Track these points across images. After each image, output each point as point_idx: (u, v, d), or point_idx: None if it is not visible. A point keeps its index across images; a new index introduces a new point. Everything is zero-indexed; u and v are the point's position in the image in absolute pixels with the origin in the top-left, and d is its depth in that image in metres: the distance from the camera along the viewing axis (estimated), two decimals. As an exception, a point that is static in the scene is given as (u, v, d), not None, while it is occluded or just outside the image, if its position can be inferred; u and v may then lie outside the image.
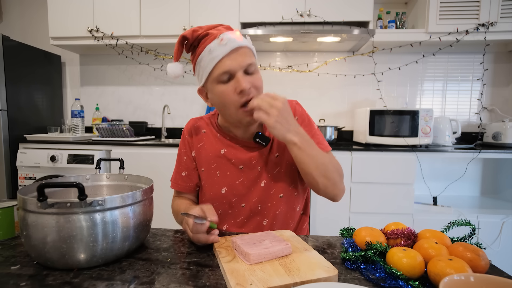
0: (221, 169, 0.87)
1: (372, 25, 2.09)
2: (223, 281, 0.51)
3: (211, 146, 0.88)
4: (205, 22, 2.15)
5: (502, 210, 1.98)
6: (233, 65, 0.73)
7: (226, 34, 0.74)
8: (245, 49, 0.76)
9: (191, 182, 0.91)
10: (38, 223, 0.52)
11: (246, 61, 0.75)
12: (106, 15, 2.25)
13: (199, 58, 0.77)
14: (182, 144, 0.92)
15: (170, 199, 0.96)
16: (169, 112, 2.56)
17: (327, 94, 2.53)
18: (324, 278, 0.50)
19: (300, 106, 0.91)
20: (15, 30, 2.71)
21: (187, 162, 0.91)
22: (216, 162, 0.87)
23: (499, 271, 0.55)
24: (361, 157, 1.91)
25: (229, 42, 0.73)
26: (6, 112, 2.10)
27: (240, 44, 0.74)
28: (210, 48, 0.74)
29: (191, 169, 0.90)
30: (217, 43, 0.73)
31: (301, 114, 0.89)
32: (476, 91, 2.40)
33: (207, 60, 0.75)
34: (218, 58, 0.73)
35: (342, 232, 0.72)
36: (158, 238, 0.70)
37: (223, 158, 0.87)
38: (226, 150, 0.87)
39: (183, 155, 0.91)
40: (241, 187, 0.86)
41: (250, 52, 0.78)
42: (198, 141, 0.90)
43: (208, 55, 0.74)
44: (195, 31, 0.77)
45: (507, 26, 2.01)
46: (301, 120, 0.88)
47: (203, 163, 0.89)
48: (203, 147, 0.89)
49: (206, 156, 0.88)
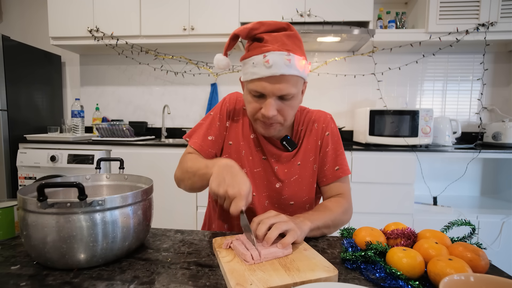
0: (247, 150, 0.87)
1: (372, 25, 2.09)
2: (223, 281, 0.51)
3: (245, 126, 0.88)
4: (205, 22, 2.17)
5: (502, 210, 1.98)
6: (268, 89, 0.71)
7: (274, 55, 0.69)
8: (289, 77, 0.71)
9: (214, 149, 0.87)
10: (38, 223, 0.52)
11: (283, 90, 0.71)
12: (106, 15, 2.25)
13: (245, 60, 0.74)
14: (220, 111, 0.89)
15: (170, 199, 0.96)
16: (169, 112, 2.56)
17: (327, 94, 2.53)
18: (324, 278, 0.50)
19: (333, 122, 0.91)
20: (15, 30, 2.70)
21: (220, 128, 0.88)
22: (245, 142, 0.88)
23: (499, 271, 0.55)
24: (361, 157, 1.91)
25: (274, 66, 0.68)
26: (6, 112, 2.10)
27: (284, 72, 0.69)
28: (253, 61, 0.71)
29: (219, 137, 0.88)
30: (262, 60, 0.69)
31: (332, 130, 0.89)
32: (476, 91, 2.40)
33: (248, 69, 0.73)
34: (257, 77, 0.71)
35: (342, 232, 0.72)
36: (158, 238, 0.70)
37: (251, 142, 0.88)
38: (255, 136, 0.88)
39: (217, 121, 0.88)
40: (257, 176, 0.87)
41: (295, 80, 0.72)
42: (236, 114, 0.90)
43: (251, 66, 0.72)
44: (253, 29, 0.72)
45: (507, 26, 2.01)
46: (331, 136, 0.88)
47: (233, 137, 0.88)
48: (238, 123, 0.89)
49: (238, 132, 0.88)
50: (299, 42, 0.74)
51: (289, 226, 0.62)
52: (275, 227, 0.61)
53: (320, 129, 0.88)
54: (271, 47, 0.70)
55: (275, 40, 0.71)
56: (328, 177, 0.87)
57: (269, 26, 0.73)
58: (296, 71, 0.71)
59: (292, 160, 0.87)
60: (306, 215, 0.72)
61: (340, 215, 0.79)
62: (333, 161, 0.87)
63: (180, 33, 2.21)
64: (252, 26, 0.72)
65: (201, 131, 0.87)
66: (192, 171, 0.76)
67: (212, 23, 2.18)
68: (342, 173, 0.86)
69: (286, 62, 0.69)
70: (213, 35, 2.19)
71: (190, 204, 1.98)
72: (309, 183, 0.87)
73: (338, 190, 0.87)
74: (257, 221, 0.63)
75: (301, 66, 0.72)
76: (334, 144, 0.88)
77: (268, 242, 0.58)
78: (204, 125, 0.88)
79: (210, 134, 0.87)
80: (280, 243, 0.58)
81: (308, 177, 0.87)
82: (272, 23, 0.73)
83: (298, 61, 0.71)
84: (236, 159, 0.86)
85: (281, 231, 0.61)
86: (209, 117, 0.89)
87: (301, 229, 0.64)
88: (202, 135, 0.86)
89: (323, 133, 0.88)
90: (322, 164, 0.88)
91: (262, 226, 0.61)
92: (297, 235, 0.61)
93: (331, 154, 0.87)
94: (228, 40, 0.75)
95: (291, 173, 0.86)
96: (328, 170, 0.87)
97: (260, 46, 0.71)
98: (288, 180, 0.86)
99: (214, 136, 0.87)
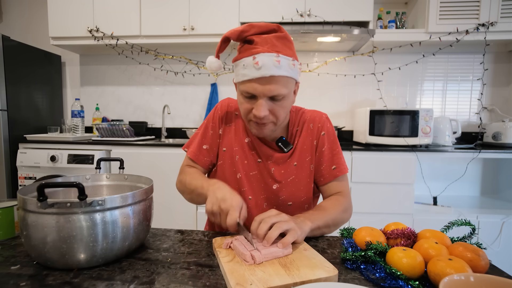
0: (241, 155, 0.88)
1: (372, 25, 2.09)
2: (223, 281, 0.51)
3: (238, 131, 0.89)
4: (205, 22, 2.17)
5: (502, 210, 1.98)
6: (258, 90, 0.72)
7: (263, 57, 0.70)
8: (279, 78, 0.72)
9: (209, 157, 0.90)
10: (38, 223, 0.52)
11: (274, 91, 0.72)
12: (106, 15, 2.25)
13: (237, 62, 0.76)
14: (212, 118, 0.91)
15: (170, 199, 0.96)
16: (169, 112, 2.56)
17: (327, 94, 2.53)
18: (324, 278, 0.50)
19: (329, 122, 0.92)
20: (15, 30, 2.70)
21: (213, 136, 0.90)
22: (238, 146, 0.88)
23: (499, 271, 0.55)
24: (361, 157, 1.91)
25: (263, 67, 0.69)
26: (6, 112, 2.10)
27: (274, 73, 0.70)
28: (244, 63, 0.72)
29: (214, 145, 0.90)
30: (252, 62, 0.70)
31: (328, 130, 0.90)
32: (476, 91, 2.40)
33: (239, 70, 0.74)
34: (247, 78, 0.72)
35: (342, 232, 0.72)
36: (158, 238, 0.70)
37: (245, 146, 0.88)
38: (250, 140, 0.88)
39: (210, 129, 0.90)
40: (254, 179, 0.87)
41: (285, 80, 0.73)
42: (228, 121, 0.91)
43: (241, 68, 0.73)
44: (244, 31, 0.73)
45: (507, 26, 2.01)
46: (327, 136, 0.89)
47: (227, 143, 0.89)
48: (231, 128, 0.90)
49: (231, 137, 0.89)
50: (290, 43, 0.75)
51: (290, 225, 0.62)
52: (276, 226, 0.61)
53: (315, 129, 0.89)
54: (260, 48, 0.71)
55: (264, 42, 0.72)
56: (326, 177, 0.88)
57: (259, 28, 0.74)
58: (285, 72, 0.72)
59: (288, 161, 0.87)
60: (307, 214, 0.73)
61: (340, 214, 0.80)
62: (330, 160, 0.88)
63: (180, 33, 2.21)
64: (242, 29, 0.73)
65: (196, 141, 0.91)
66: (190, 188, 0.81)
67: (212, 23, 2.18)
68: (339, 172, 0.87)
69: (276, 63, 0.70)
70: (213, 35, 2.19)
71: (190, 204, 1.97)
72: (307, 183, 0.87)
73: (337, 189, 0.88)
74: (258, 220, 0.64)
75: (291, 67, 0.73)
76: (330, 144, 0.88)
77: (269, 242, 0.59)
78: (199, 135, 0.91)
79: (205, 143, 0.89)
80: (281, 243, 0.59)
81: (305, 177, 0.87)
82: (263, 25, 0.74)
83: (288, 62, 0.72)
84: (231, 164, 0.88)
85: (282, 231, 0.61)
86: (202, 126, 0.92)
87: (302, 229, 0.65)
88: (197, 145, 0.90)
89: (319, 133, 0.89)
90: (319, 164, 0.88)
91: (264, 225, 0.61)
92: (297, 234, 0.62)
93: (328, 154, 0.88)
94: (220, 42, 0.76)
95: (288, 174, 0.87)
96: (325, 170, 0.88)
97: (250, 48, 0.72)
98: (285, 181, 0.87)
99: (208, 145, 0.90)
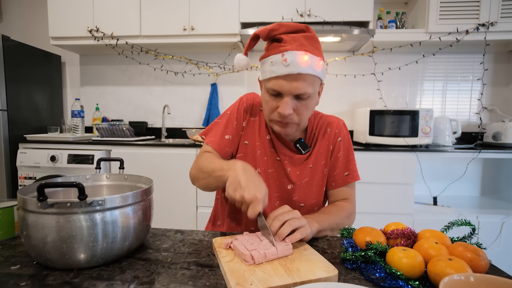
0: (262, 150, 0.88)
1: (372, 25, 2.09)
2: (223, 281, 0.51)
3: (262, 126, 0.90)
4: (205, 22, 2.17)
5: (502, 210, 1.98)
6: (285, 88, 0.73)
7: (292, 54, 0.70)
8: (306, 76, 0.72)
9: (230, 148, 0.88)
10: (38, 223, 0.52)
11: (300, 89, 0.72)
12: (106, 15, 2.25)
13: (264, 59, 0.77)
14: (237, 110, 0.90)
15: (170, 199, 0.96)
16: (169, 112, 2.55)
17: (327, 94, 2.52)
18: (324, 278, 0.50)
19: (346, 128, 0.93)
20: (15, 30, 2.70)
21: (237, 128, 0.89)
22: (260, 142, 0.89)
23: (499, 271, 0.55)
24: (361, 157, 1.91)
25: (292, 65, 0.70)
26: (6, 112, 2.10)
27: (301, 71, 0.71)
28: (272, 60, 0.73)
29: (236, 136, 0.89)
30: (280, 59, 0.71)
31: (344, 136, 0.91)
32: (476, 91, 2.40)
33: (266, 67, 0.75)
34: (274, 75, 0.73)
35: (342, 232, 0.71)
36: (158, 238, 0.70)
37: (267, 143, 0.89)
38: (270, 137, 0.89)
39: (234, 120, 0.89)
40: (271, 177, 0.88)
41: (312, 79, 0.73)
42: (253, 115, 0.91)
43: (269, 65, 0.74)
44: (273, 30, 0.74)
45: (507, 26, 2.01)
46: (343, 142, 0.90)
47: (249, 137, 0.89)
48: (255, 123, 0.90)
49: (254, 132, 0.89)
50: (317, 43, 0.77)
51: (302, 223, 0.64)
52: (288, 223, 0.63)
53: (333, 134, 0.90)
54: (289, 46, 0.72)
55: (293, 40, 0.73)
56: (338, 182, 0.89)
57: (288, 28, 0.75)
58: (313, 70, 0.72)
59: (305, 163, 0.88)
60: (313, 216, 0.74)
61: (344, 219, 0.82)
62: (344, 166, 0.89)
63: (180, 33, 2.21)
64: (272, 27, 0.74)
65: (218, 129, 0.88)
66: (207, 172, 0.77)
67: (212, 23, 2.18)
68: (352, 179, 0.89)
69: (304, 61, 0.71)
70: (213, 35, 2.19)
71: (190, 204, 1.97)
72: (319, 186, 0.89)
73: (345, 194, 0.89)
74: (272, 217, 0.66)
75: (318, 66, 0.73)
76: (345, 150, 0.90)
77: (280, 238, 0.61)
78: (221, 124, 0.89)
79: (227, 133, 0.88)
80: (289, 238, 0.61)
81: (318, 180, 0.89)
82: (292, 25, 0.75)
83: (315, 61, 0.73)
84: (251, 158, 0.88)
85: (293, 228, 0.63)
86: (225, 116, 0.90)
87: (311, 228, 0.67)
88: (220, 134, 0.87)
89: (336, 138, 0.90)
90: (333, 169, 0.90)
91: (276, 223, 0.63)
92: (307, 232, 0.64)
93: (342, 160, 0.89)
94: (249, 40, 0.79)
95: (303, 175, 0.88)
96: (338, 175, 0.89)
97: (279, 46, 0.73)
98: (300, 183, 0.88)
99: (231, 135, 0.88)
